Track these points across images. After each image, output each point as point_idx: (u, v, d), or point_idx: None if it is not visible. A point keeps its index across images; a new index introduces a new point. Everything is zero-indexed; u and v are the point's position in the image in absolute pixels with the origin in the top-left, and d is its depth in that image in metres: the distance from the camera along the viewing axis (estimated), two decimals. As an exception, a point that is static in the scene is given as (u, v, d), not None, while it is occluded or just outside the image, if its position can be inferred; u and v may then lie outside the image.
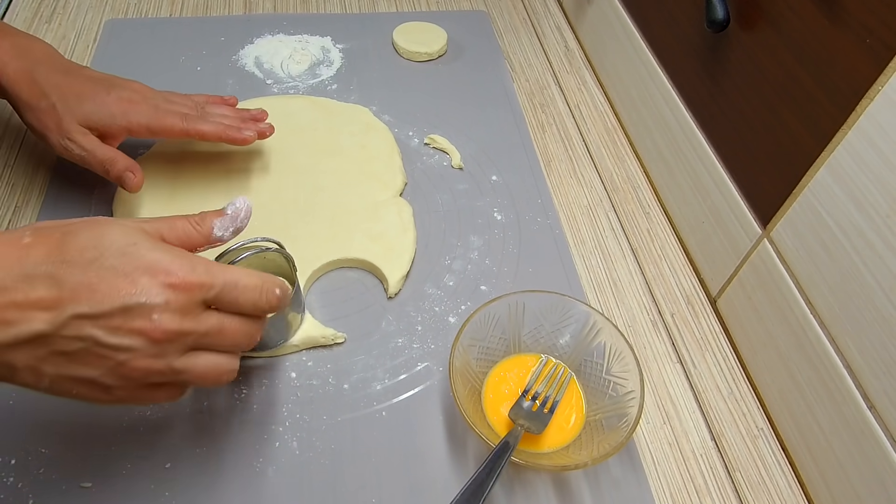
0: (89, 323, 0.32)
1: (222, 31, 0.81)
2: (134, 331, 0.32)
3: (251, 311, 0.37)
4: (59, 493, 0.43)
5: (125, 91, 0.54)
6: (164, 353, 0.34)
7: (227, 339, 0.36)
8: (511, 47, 0.85)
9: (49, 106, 0.51)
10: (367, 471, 0.46)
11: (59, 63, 0.54)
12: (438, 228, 0.61)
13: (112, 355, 0.33)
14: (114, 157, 0.53)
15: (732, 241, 0.56)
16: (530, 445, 0.46)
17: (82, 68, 0.55)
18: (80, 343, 0.32)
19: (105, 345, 0.32)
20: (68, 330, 0.31)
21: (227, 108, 0.60)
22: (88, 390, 0.34)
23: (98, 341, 0.32)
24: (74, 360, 0.32)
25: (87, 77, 0.54)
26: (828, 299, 0.45)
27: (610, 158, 0.71)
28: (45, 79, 0.52)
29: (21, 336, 0.31)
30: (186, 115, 0.55)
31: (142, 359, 0.33)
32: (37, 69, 0.52)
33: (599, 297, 0.58)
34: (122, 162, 0.53)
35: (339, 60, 0.79)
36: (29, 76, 0.52)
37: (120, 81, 0.56)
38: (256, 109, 0.61)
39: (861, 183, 0.42)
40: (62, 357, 0.32)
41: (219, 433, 0.47)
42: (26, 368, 0.32)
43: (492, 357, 0.50)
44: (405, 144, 0.69)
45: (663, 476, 0.48)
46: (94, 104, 0.52)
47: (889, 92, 0.39)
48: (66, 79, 0.53)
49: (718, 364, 0.55)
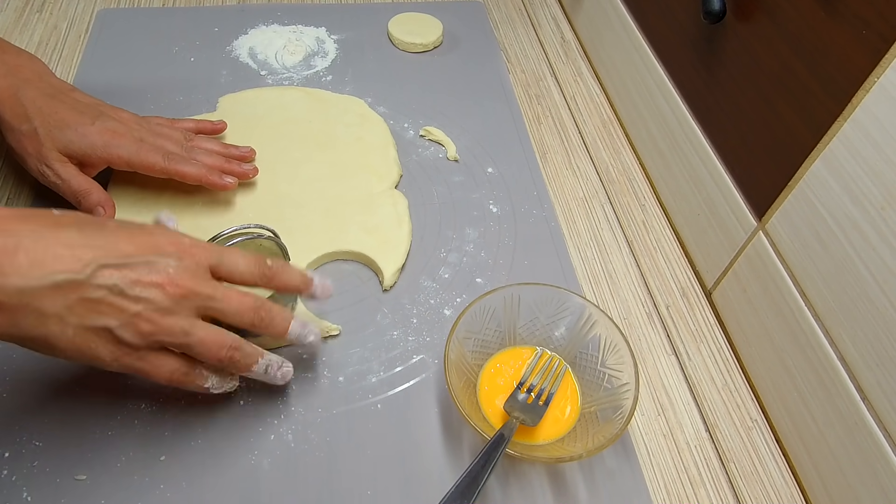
0: (115, 273, 0.36)
1: (216, 22, 0.80)
2: (152, 284, 0.37)
3: (249, 279, 0.42)
4: (54, 486, 0.43)
5: (110, 121, 0.53)
6: (175, 311, 0.38)
7: (233, 303, 0.40)
8: (507, 38, 0.85)
9: (30, 130, 0.51)
10: (362, 463, 0.46)
11: (48, 85, 0.53)
12: (434, 221, 0.61)
13: (130, 306, 0.37)
14: (88, 189, 0.53)
15: (728, 233, 0.56)
16: (525, 437, 0.46)
17: (71, 91, 0.54)
18: (105, 291, 0.36)
19: (126, 295, 0.36)
20: (96, 279, 0.35)
21: (215, 143, 0.59)
22: (104, 344, 0.37)
23: (120, 290, 0.36)
24: (97, 309, 0.36)
25: (73, 103, 0.53)
26: (822, 291, 0.45)
27: (606, 150, 0.71)
28: (31, 101, 0.51)
29: (55, 281, 0.34)
30: (169, 154, 0.54)
31: (155, 312, 0.37)
32: (23, 89, 0.51)
33: (595, 289, 0.58)
34: (96, 196, 0.53)
35: (333, 51, 0.78)
36: (14, 96, 0.51)
37: (107, 109, 0.55)
38: (245, 147, 0.60)
39: (856, 175, 0.42)
40: (87, 305, 0.36)
41: (214, 426, 0.46)
42: (54, 317, 0.35)
43: (487, 349, 0.50)
44: (400, 136, 0.68)
45: (658, 467, 0.48)
46: (75, 133, 0.52)
47: (885, 84, 0.39)
48: (51, 103, 0.52)
49: (713, 356, 0.55)
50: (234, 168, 0.58)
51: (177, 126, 0.58)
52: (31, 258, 0.34)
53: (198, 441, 0.46)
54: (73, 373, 0.48)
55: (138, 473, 0.44)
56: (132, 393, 0.47)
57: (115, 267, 0.36)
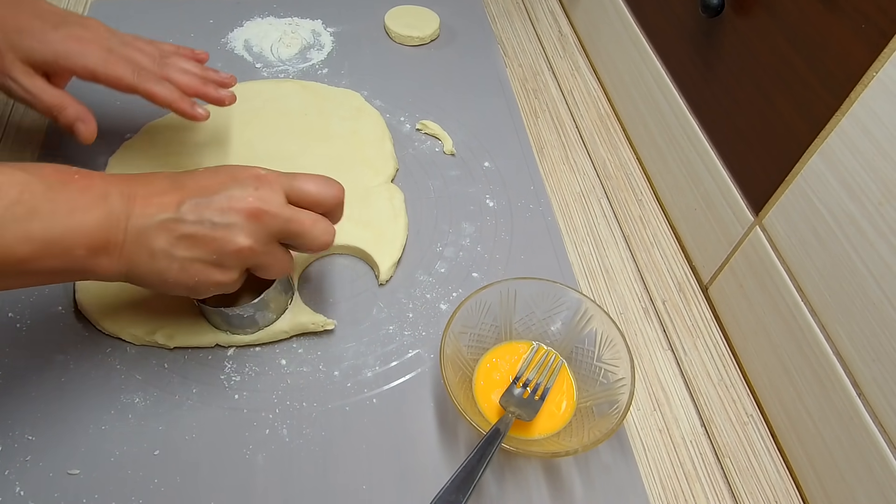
0: (206, 208, 0.40)
1: (211, 14, 0.79)
2: (236, 210, 0.41)
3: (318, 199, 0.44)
4: (47, 481, 0.43)
5: (76, 28, 0.50)
6: (258, 232, 0.41)
7: (306, 225, 0.43)
8: (504, 32, 0.84)
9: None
10: (357, 458, 0.46)
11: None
12: (430, 215, 0.61)
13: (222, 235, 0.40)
14: (62, 102, 0.49)
15: (724, 228, 0.55)
16: (521, 432, 0.46)
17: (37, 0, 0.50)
18: (200, 226, 0.40)
19: (218, 224, 0.40)
20: (191, 214, 0.40)
21: (193, 64, 0.55)
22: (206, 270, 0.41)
23: (213, 221, 0.40)
24: (197, 242, 0.40)
25: (35, 10, 0.49)
26: (819, 287, 0.45)
27: (603, 145, 0.71)
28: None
29: (160, 219, 0.39)
30: (140, 70, 0.51)
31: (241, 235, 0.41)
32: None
33: (591, 284, 0.58)
34: (72, 110, 0.49)
35: (329, 44, 0.78)
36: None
37: (74, 18, 0.51)
38: (227, 75, 0.57)
39: (854, 170, 0.41)
40: (188, 240, 0.40)
41: (208, 420, 0.46)
42: (162, 252, 0.40)
43: (483, 344, 0.50)
44: (397, 130, 0.68)
45: (653, 462, 0.48)
46: (36, 41, 0.48)
47: (884, 78, 0.39)
48: (11, 11, 0.48)
49: (709, 351, 0.55)
50: (209, 91, 0.54)
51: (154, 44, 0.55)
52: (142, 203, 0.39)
53: (192, 435, 0.45)
54: (65, 367, 0.48)
55: (132, 468, 0.44)
56: (126, 387, 0.47)
57: (204, 204, 0.40)
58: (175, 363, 0.49)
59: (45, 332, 0.50)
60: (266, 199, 0.42)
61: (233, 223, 0.41)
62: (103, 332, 0.50)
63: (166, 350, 0.49)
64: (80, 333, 0.50)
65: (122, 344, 0.49)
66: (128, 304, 0.50)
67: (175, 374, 0.48)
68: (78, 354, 0.49)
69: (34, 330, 0.50)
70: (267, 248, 0.43)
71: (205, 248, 0.41)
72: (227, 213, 0.41)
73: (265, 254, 0.43)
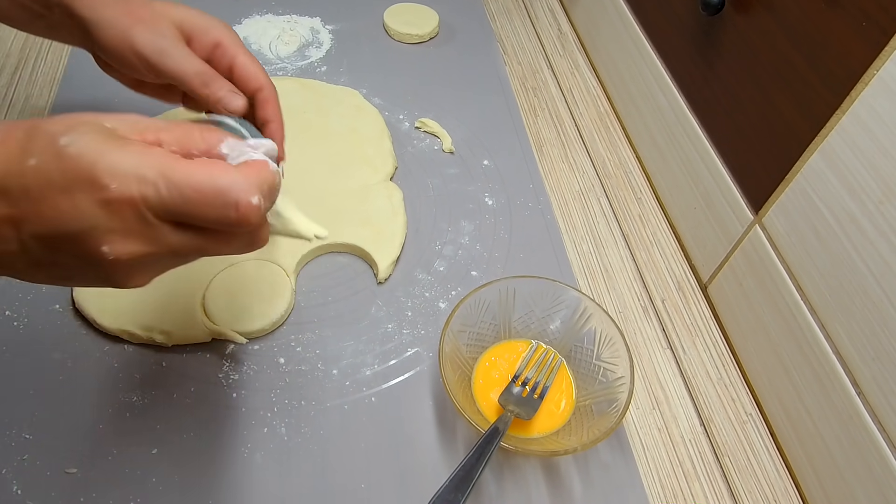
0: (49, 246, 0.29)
1: (209, 11, 0.78)
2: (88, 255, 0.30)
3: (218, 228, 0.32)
4: (44, 479, 0.42)
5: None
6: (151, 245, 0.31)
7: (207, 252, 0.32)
8: (503, 30, 0.84)
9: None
10: (356, 456, 0.45)
11: None
12: (429, 213, 0.61)
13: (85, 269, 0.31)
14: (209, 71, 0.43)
15: (724, 227, 0.55)
16: (520, 431, 0.46)
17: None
18: (52, 258, 0.30)
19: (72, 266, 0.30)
20: (35, 251, 0.29)
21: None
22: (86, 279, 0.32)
23: (66, 263, 0.30)
24: (56, 268, 0.31)
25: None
26: (818, 286, 0.45)
27: (602, 143, 0.71)
28: None
29: (5, 251, 0.29)
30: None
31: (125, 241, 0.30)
32: None
33: (590, 282, 0.58)
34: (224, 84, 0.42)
35: (328, 42, 0.77)
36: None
37: None
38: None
39: (854, 169, 0.41)
40: (46, 267, 0.31)
41: (206, 419, 0.46)
42: (26, 271, 0.31)
43: (482, 343, 0.50)
44: (396, 128, 0.68)
45: (652, 461, 0.48)
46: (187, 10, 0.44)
47: (884, 76, 0.39)
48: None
49: (708, 350, 0.55)
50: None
51: None
52: None
53: (189, 434, 0.45)
54: (63, 366, 0.48)
55: (129, 466, 0.43)
56: (124, 386, 0.47)
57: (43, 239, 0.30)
58: (173, 361, 0.49)
59: (43, 331, 0.49)
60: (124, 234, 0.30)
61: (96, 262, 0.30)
62: (101, 330, 0.49)
63: (164, 348, 0.49)
64: (78, 332, 0.50)
65: (120, 342, 0.49)
66: (126, 302, 0.50)
67: (173, 373, 0.48)
68: (75, 353, 0.48)
69: (31, 328, 0.49)
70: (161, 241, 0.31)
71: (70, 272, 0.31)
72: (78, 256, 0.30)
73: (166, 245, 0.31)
